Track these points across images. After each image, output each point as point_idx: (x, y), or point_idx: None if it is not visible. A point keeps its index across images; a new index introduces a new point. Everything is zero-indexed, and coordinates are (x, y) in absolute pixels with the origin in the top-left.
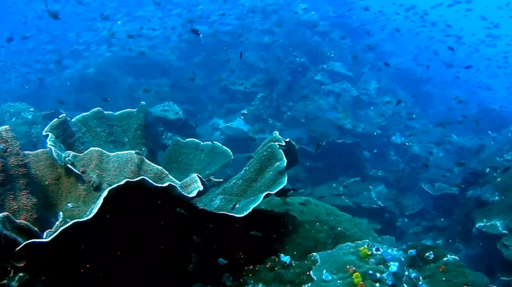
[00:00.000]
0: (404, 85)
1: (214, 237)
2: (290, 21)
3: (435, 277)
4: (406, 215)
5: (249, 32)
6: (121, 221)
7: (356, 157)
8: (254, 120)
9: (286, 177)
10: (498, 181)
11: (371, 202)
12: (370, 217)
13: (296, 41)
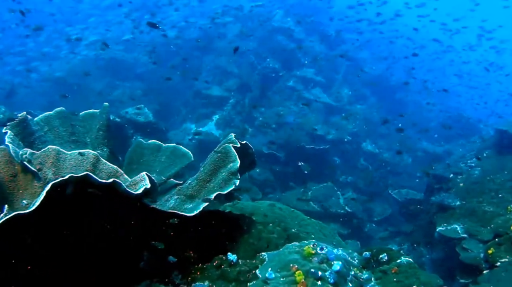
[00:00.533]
0: (377, 92)
1: (166, 235)
2: (266, 27)
3: (387, 278)
4: (375, 220)
5: (224, 37)
6: (67, 216)
7: (326, 163)
8: (225, 125)
9: (239, 177)
10: (461, 186)
11: (339, 207)
12: (338, 222)
13: (271, 47)
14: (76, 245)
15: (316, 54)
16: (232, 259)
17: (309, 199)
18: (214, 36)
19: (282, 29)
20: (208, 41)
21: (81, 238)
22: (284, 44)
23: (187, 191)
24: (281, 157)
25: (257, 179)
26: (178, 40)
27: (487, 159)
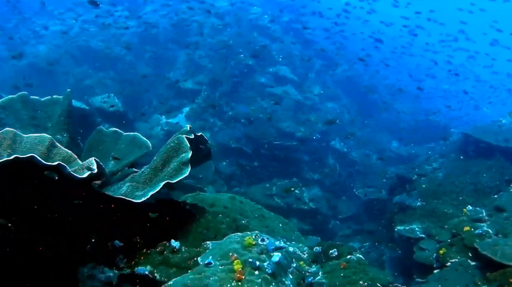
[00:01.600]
0: (350, 93)
1: (115, 220)
2: (242, 23)
3: (334, 273)
4: (339, 218)
5: (201, 31)
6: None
7: (293, 159)
8: (195, 118)
9: (189, 167)
10: (424, 188)
11: (303, 203)
12: (301, 217)
13: (246, 43)
14: (26, 227)
15: (291, 52)
16: (175, 246)
17: (273, 194)
18: (190, 29)
19: (259, 25)
20: (184, 34)
21: (32, 220)
22: (259, 41)
23: (140, 178)
24: (249, 151)
25: (223, 172)
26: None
27: (451, 162)
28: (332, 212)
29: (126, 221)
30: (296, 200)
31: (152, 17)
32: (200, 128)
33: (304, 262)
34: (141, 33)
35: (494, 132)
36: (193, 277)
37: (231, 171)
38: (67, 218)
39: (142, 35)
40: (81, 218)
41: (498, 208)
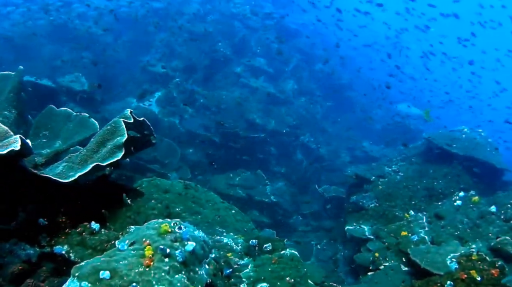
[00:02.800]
0: (326, 89)
1: (42, 199)
2: (223, 11)
3: (264, 267)
4: (302, 213)
5: (180, 18)
6: None
7: (261, 152)
8: (166, 103)
9: (123, 151)
10: (379, 189)
11: (265, 196)
12: (262, 210)
13: (224, 32)
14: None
15: (269, 45)
16: (95, 228)
17: (236, 185)
18: (169, 14)
19: (240, 15)
20: (165, 19)
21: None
22: (238, 31)
23: (76, 159)
24: (216, 140)
25: (189, 160)
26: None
27: (411, 166)
28: (296, 207)
29: (55, 200)
30: (258, 192)
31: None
32: (171, 114)
33: (234, 254)
34: (121, 15)
35: (455, 140)
36: (104, 259)
37: (197, 159)
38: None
39: (122, 17)
40: (7, 195)
41: (438, 216)
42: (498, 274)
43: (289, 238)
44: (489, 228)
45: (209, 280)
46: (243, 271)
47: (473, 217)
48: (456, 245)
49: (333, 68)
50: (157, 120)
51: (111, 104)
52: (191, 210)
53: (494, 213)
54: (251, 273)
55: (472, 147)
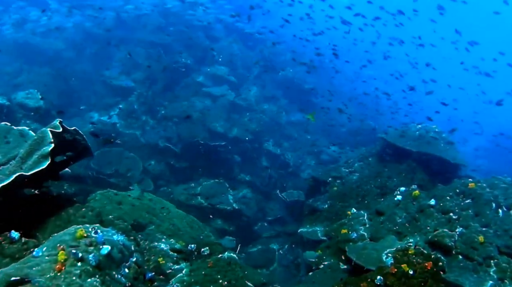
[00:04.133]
0: (290, 95)
1: None
2: (185, 22)
3: (199, 271)
4: (268, 219)
5: (143, 29)
6: None
7: (225, 160)
8: (127, 116)
9: (49, 160)
10: (334, 190)
11: (227, 204)
12: (224, 218)
13: (187, 42)
14: None
15: (232, 53)
16: (14, 236)
17: (197, 194)
18: (131, 27)
19: (203, 25)
20: (125, 32)
21: None
22: (201, 41)
23: (8, 169)
24: (177, 151)
25: (152, 171)
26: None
27: (367, 166)
28: (262, 213)
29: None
30: (220, 201)
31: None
32: (132, 126)
33: (169, 259)
34: (83, 29)
35: (408, 137)
36: (18, 266)
37: (159, 170)
38: None
39: (85, 31)
40: None
41: (378, 212)
42: (431, 266)
43: (254, 244)
44: (427, 221)
45: (128, 283)
46: (177, 275)
47: (412, 211)
48: (393, 240)
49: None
50: (119, 133)
51: (72, 119)
52: (145, 219)
53: (433, 206)
54: (184, 277)
55: (425, 143)
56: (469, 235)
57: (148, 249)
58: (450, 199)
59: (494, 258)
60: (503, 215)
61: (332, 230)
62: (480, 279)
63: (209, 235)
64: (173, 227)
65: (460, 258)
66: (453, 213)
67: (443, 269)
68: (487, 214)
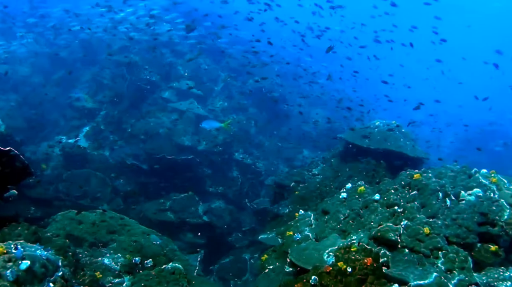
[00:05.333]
0: (259, 104)
1: None
2: (150, 40)
3: (140, 283)
4: (242, 230)
5: (109, 48)
6: None
7: (195, 174)
8: (95, 137)
9: None
10: (295, 195)
11: (197, 217)
12: (195, 231)
13: (151, 59)
14: None
15: (198, 67)
16: None
17: (167, 209)
18: (97, 48)
19: (168, 42)
20: (89, 53)
21: None
22: (166, 57)
23: None
24: (145, 168)
25: (121, 190)
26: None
27: (329, 167)
28: (236, 224)
29: None
30: (190, 214)
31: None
32: (100, 147)
33: (109, 273)
34: (49, 54)
35: (368, 135)
36: None
37: (129, 188)
38: None
39: (50, 57)
40: None
41: (324, 211)
42: (371, 262)
43: (227, 255)
44: (371, 216)
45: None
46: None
47: (356, 207)
48: (335, 239)
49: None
50: (86, 155)
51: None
52: (105, 237)
53: (377, 201)
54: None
55: (384, 139)
56: (414, 227)
57: (89, 264)
58: (395, 192)
59: (442, 249)
60: (451, 204)
61: (279, 233)
62: (425, 271)
63: (173, 249)
64: (135, 243)
65: (406, 251)
66: (398, 206)
67: (386, 264)
68: (433, 204)
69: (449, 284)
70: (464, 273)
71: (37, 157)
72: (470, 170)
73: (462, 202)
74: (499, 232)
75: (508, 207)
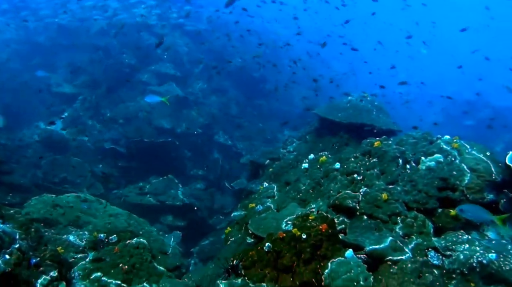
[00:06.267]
0: (239, 85)
1: None
2: (129, 23)
3: (103, 257)
4: (224, 212)
5: (85, 35)
6: None
7: (175, 156)
8: (73, 122)
9: None
10: (270, 171)
11: (177, 200)
12: (176, 214)
13: (130, 43)
14: None
15: (177, 49)
16: None
17: (146, 193)
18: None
19: (147, 24)
20: (69, 38)
21: None
22: (146, 40)
23: None
24: (124, 152)
25: (100, 175)
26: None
27: (304, 143)
28: (217, 206)
29: None
30: (169, 197)
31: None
32: (79, 132)
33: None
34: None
35: (341, 109)
36: None
37: (109, 173)
38: None
39: (29, 41)
40: None
41: (286, 182)
42: (326, 229)
43: (207, 237)
44: (331, 185)
45: (8, 269)
46: (80, 263)
47: (317, 177)
48: (294, 208)
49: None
50: (65, 141)
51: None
52: (80, 219)
53: (337, 169)
54: (87, 265)
55: (357, 113)
56: (373, 194)
57: (53, 241)
58: (355, 160)
59: (400, 214)
60: (411, 170)
61: (243, 206)
62: (381, 237)
63: (150, 231)
64: (110, 225)
65: (365, 218)
66: (358, 174)
67: (343, 230)
68: (393, 171)
69: (405, 248)
70: (422, 238)
71: (15, 143)
72: (431, 136)
73: (422, 168)
74: (460, 196)
75: (469, 171)
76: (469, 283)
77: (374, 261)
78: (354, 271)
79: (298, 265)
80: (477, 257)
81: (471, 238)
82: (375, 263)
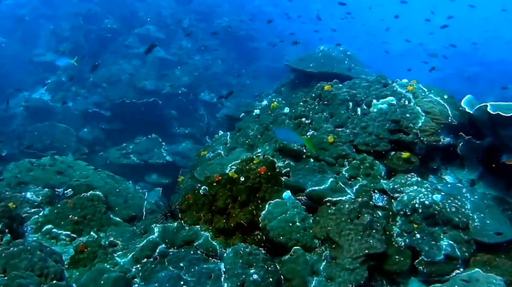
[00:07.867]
0: (226, 43)
1: None
2: None
3: (56, 210)
4: None
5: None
6: None
7: (160, 116)
8: (57, 90)
9: None
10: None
11: (160, 158)
12: (160, 172)
13: (112, 8)
14: None
15: (160, 11)
16: None
17: (130, 153)
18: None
19: None
20: (53, 7)
21: None
22: (129, 3)
23: None
24: (108, 115)
25: (86, 139)
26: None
27: (280, 95)
28: None
29: None
30: (153, 156)
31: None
32: (63, 99)
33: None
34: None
35: (312, 60)
36: None
37: (93, 136)
38: None
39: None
40: None
41: (238, 129)
42: (265, 171)
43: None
44: None
45: None
46: (33, 217)
47: (266, 122)
48: (240, 152)
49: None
50: (50, 108)
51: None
52: (56, 181)
53: (286, 114)
54: (39, 219)
55: (327, 63)
56: (319, 137)
57: (9, 198)
58: (304, 104)
59: (348, 156)
60: (361, 113)
61: (198, 155)
62: (323, 178)
63: (127, 187)
64: (87, 178)
65: (311, 161)
66: (306, 118)
67: (287, 174)
68: (341, 113)
69: (347, 189)
70: (368, 180)
71: (1, 114)
72: (386, 79)
73: (373, 111)
74: (414, 139)
75: (423, 114)
76: (412, 224)
77: (315, 203)
78: (290, 212)
79: (233, 207)
80: (419, 198)
81: (420, 179)
82: (317, 206)
